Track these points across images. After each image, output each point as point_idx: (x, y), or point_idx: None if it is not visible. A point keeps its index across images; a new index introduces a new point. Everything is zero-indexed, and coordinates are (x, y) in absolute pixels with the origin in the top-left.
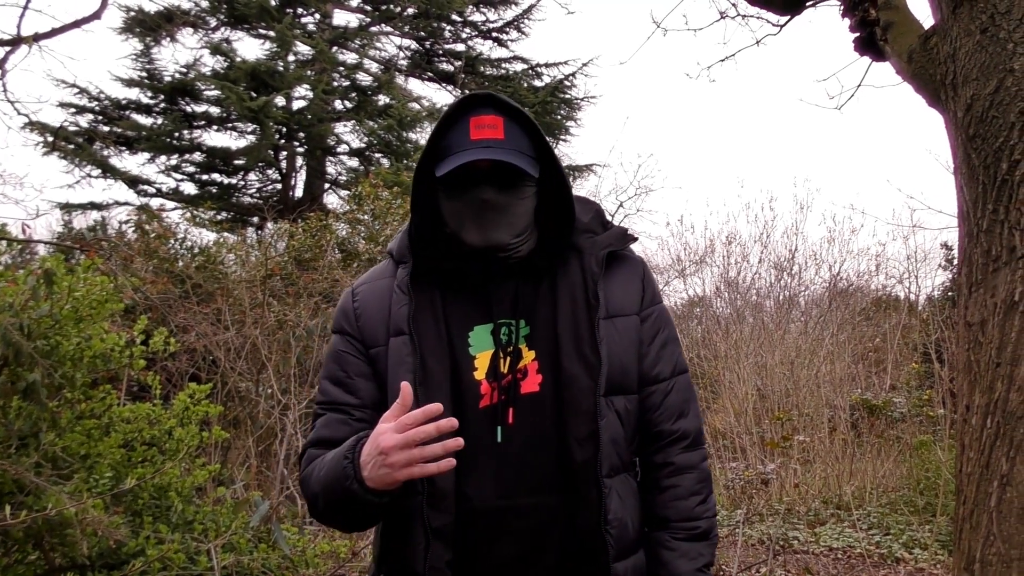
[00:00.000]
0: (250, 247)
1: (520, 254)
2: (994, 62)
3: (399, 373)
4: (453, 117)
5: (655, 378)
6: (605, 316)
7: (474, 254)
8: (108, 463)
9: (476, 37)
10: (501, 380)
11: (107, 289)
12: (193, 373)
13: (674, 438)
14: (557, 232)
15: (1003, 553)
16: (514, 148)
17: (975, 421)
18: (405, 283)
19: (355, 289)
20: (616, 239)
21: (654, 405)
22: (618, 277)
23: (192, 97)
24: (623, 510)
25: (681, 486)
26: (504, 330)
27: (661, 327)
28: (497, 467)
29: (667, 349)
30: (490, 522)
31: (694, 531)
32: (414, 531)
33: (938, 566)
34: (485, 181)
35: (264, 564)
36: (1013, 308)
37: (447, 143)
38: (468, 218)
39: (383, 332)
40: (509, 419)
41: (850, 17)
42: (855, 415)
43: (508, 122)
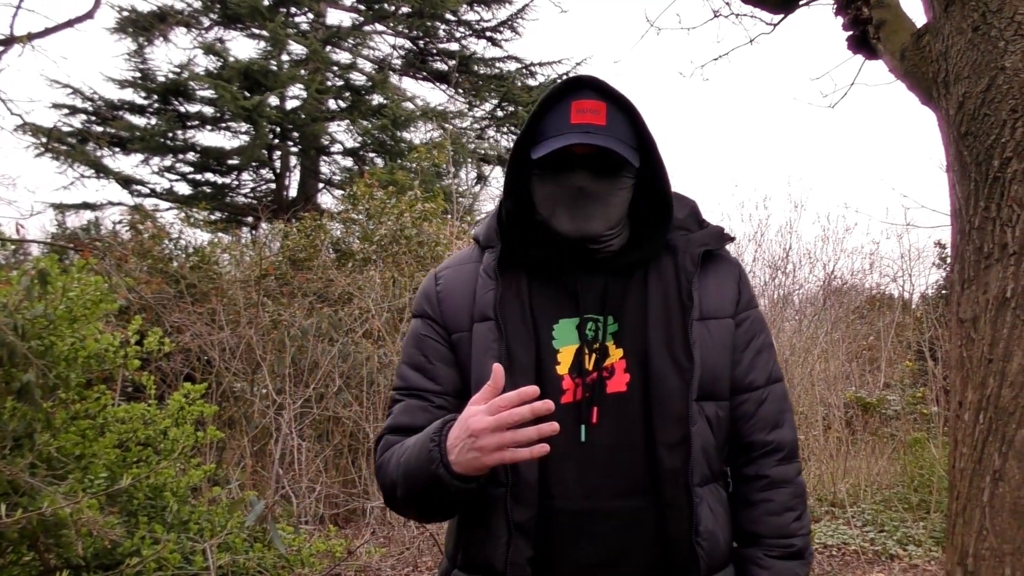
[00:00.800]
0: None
1: (612, 248)
2: (986, 60)
3: (484, 359)
4: (554, 99)
5: (749, 386)
6: (699, 318)
7: (565, 243)
8: (103, 463)
9: (470, 36)
10: (586, 377)
11: (101, 289)
12: (188, 373)
13: (768, 450)
14: (652, 228)
15: (996, 548)
16: (615, 136)
17: (968, 417)
18: (492, 268)
19: (438, 273)
20: (713, 238)
21: (747, 414)
22: (713, 278)
23: (185, 97)
24: (714, 522)
25: (775, 501)
26: (591, 325)
27: (756, 333)
28: (580, 467)
29: (762, 356)
30: (572, 523)
31: (789, 549)
32: (496, 524)
33: (932, 562)
34: (582, 167)
35: (260, 563)
36: (1005, 304)
37: (546, 125)
38: (561, 205)
39: (467, 317)
40: (593, 418)
41: (843, 15)
42: (849, 413)
43: (611, 108)
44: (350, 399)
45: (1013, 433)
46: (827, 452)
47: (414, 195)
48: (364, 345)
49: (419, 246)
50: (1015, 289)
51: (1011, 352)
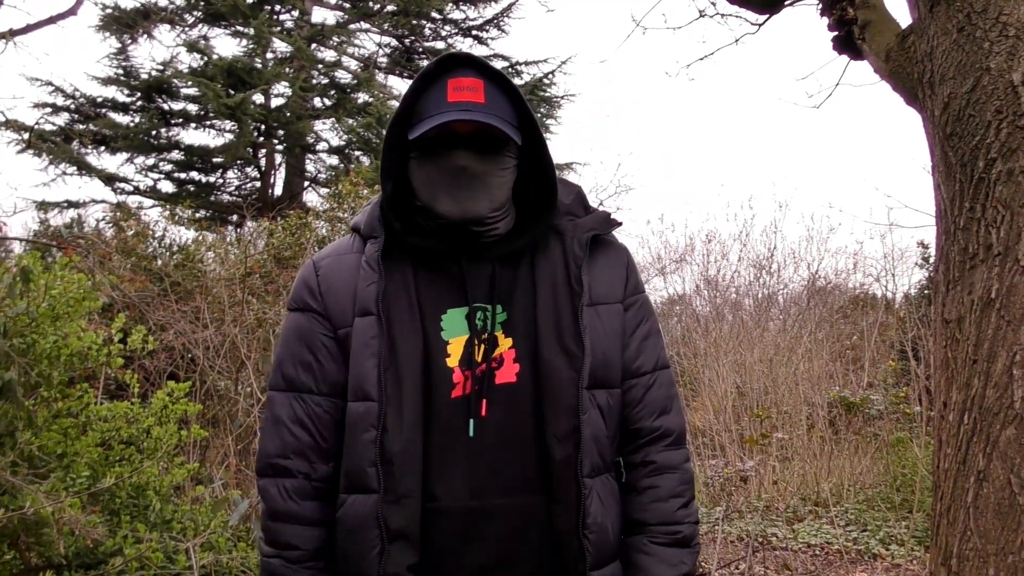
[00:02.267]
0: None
1: (497, 231)
2: (971, 61)
3: (363, 357)
4: (430, 78)
5: (636, 371)
6: (588, 303)
7: (448, 227)
8: (85, 462)
9: (456, 35)
10: (475, 369)
11: (84, 287)
12: (171, 371)
13: (655, 436)
14: (537, 211)
15: (980, 548)
16: (496, 113)
17: (952, 418)
18: (375, 259)
19: (317, 262)
20: (600, 223)
21: (634, 400)
22: (601, 263)
23: (169, 95)
24: (603, 514)
25: (661, 487)
26: (479, 315)
27: (644, 317)
28: (469, 464)
29: (650, 341)
30: (460, 525)
31: (675, 536)
32: (367, 533)
33: (914, 562)
34: (463, 146)
35: (243, 563)
36: (990, 305)
37: (423, 106)
38: (443, 187)
39: (350, 311)
40: (483, 411)
41: (828, 16)
42: (833, 412)
43: (489, 85)
44: None
45: (998, 434)
46: (810, 451)
47: None
48: None
49: None
50: (1000, 290)
51: (996, 353)
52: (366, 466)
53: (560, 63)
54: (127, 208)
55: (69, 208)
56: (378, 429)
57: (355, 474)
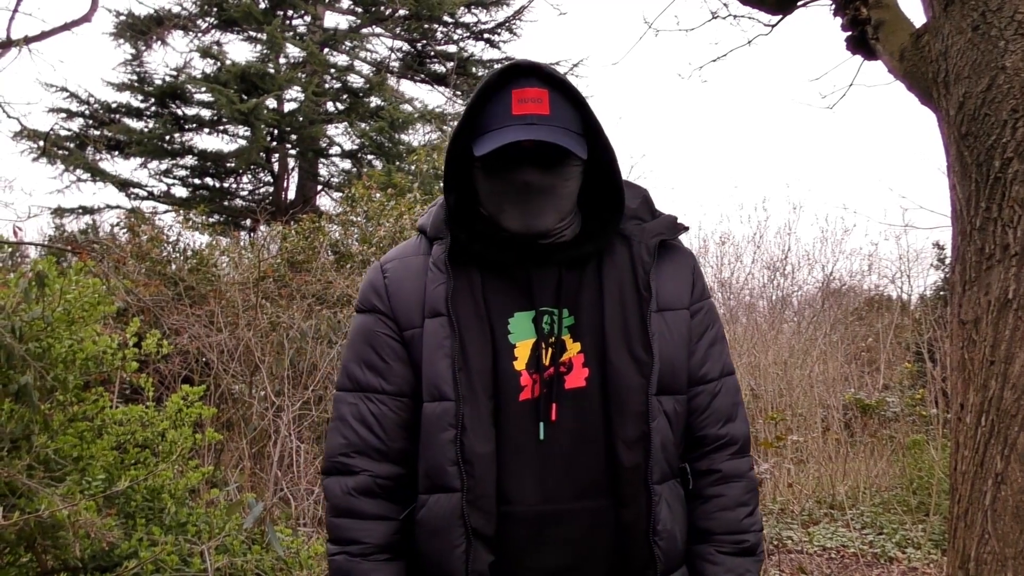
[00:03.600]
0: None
1: (564, 239)
2: (986, 60)
3: (437, 358)
4: (494, 87)
5: (703, 378)
6: (656, 309)
7: (513, 239)
8: (101, 465)
9: (468, 38)
10: (543, 372)
11: (99, 291)
12: (186, 375)
13: (721, 443)
14: (604, 216)
15: (998, 552)
16: (560, 125)
17: (969, 419)
18: (443, 261)
19: (384, 264)
20: (667, 227)
21: (701, 407)
22: (668, 268)
23: (182, 100)
24: (672, 520)
25: (727, 496)
26: (546, 319)
27: (710, 324)
28: (539, 468)
29: (716, 347)
30: (531, 528)
31: (741, 545)
32: (453, 532)
33: (931, 565)
34: (528, 162)
35: (258, 566)
36: (1007, 306)
37: (486, 118)
38: (508, 202)
39: (418, 313)
40: (552, 415)
41: (841, 16)
42: (848, 415)
43: (554, 95)
44: None
45: (1015, 436)
46: (826, 454)
47: (413, 197)
48: None
49: None
50: (1017, 290)
51: (1013, 354)
52: (447, 465)
53: (572, 66)
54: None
55: (84, 214)
56: (457, 428)
57: (436, 474)
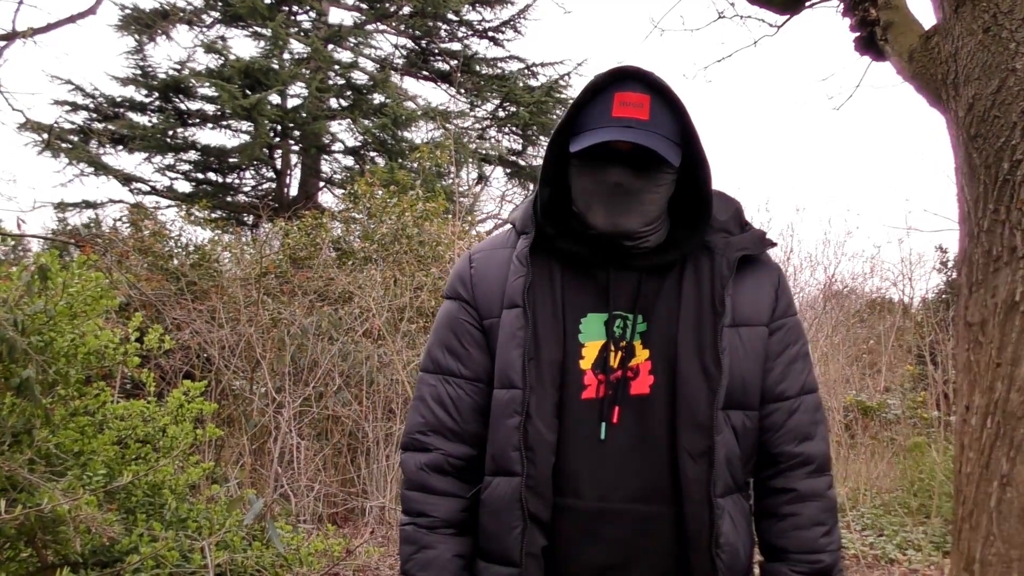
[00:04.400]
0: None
1: (648, 244)
2: (996, 62)
3: (510, 347)
4: (597, 89)
5: (780, 396)
6: (730, 324)
7: (599, 238)
8: (102, 460)
9: (472, 36)
10: (610, 375)
11: (102, 285)
12: (187, 371)
13: (797, 462)
14: (691, 226)
15: (1003, 554)
16: (658, 132)
17: (975, 421)
18: (524, 255)
19: (472, 255)
20: (753, 242)
21: (776, 425)
22: (750, 283)
23: (186, 95)
24: (734, 534)
25: (803, 515)
26: (619, 323)
27: (792, 342)
28: (596, 466)
29: (796, 365)
30: (584, 522)
31: (815, 565)
32: (511, 514)
33: (932, 567)
34: (621, 162)
35: (258, 562)
36: (1014, 308)
37: (587, 116)
38: (598, 199)
39: (498, 303)
40: (615, 418)
41: (850, 17)
42: (849, 416)
43: (655, 101)
44: (349, 398)
45: (1021, 438)
46: None
47: (416, 194)
48: (364, 344)
49: (420, 245)
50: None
51: (1020, 356)
52: (510, 450)
53: (576, 65)
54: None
55: (87, 208)
56: (522, 415)
57: (500, 457)
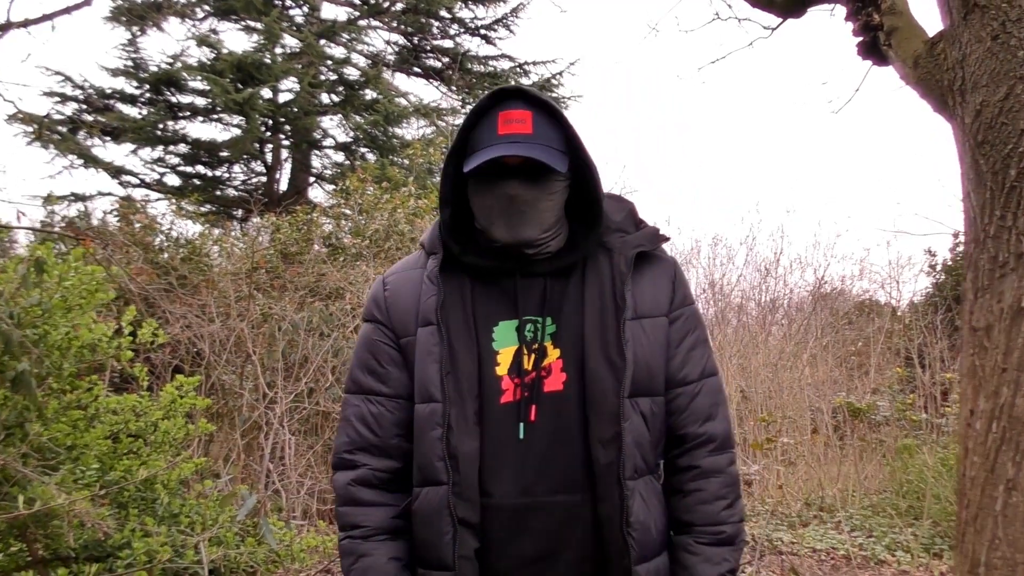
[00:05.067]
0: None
1: (549, 250)
2: (1004, 69)
3: (427, 363)
4: (482, 111)
5: (682, 380)
6: (632, 317)
7: (503, 249)
8: (94, 455)
9: (464, 34)
10: (524, 377)
11: (97, 279)
12: (176, 365)
13: (700, 441)
14: (587, 229)
15: (1008, 557)
16: (542, 143)
17: (979, 426)
18: (434, 274)
19: (386, 279)
20: (647, 239)
21: (680, 408)
22: (648, 277)
23: (177, 88)
24: (646, 513)
25: (706, 490)
26: (529, 327)
27: (691, 329)
28: (519, 464)
29: (696, 351)
30: (511, 519)
31: (719, 535)
32: (441, 521)
33: (921, 569)
34: (513, 176)
35: (251, 558)
36: (1020, 314)
37: (476, 138)
38: (496, 213)
39: (412, 322)
40: (532, 416)
41: (853, 21)
42: (837, 418)
43: (537, 115)
44: (341, 394)
45: None
46: (815, 456)
47: (408, 191)
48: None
49: (412, 242)
50: None
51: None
52: (435, 461)
53: (569, 64)
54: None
55: (76, 201)
56: (444, 427)
57: (426, 468)
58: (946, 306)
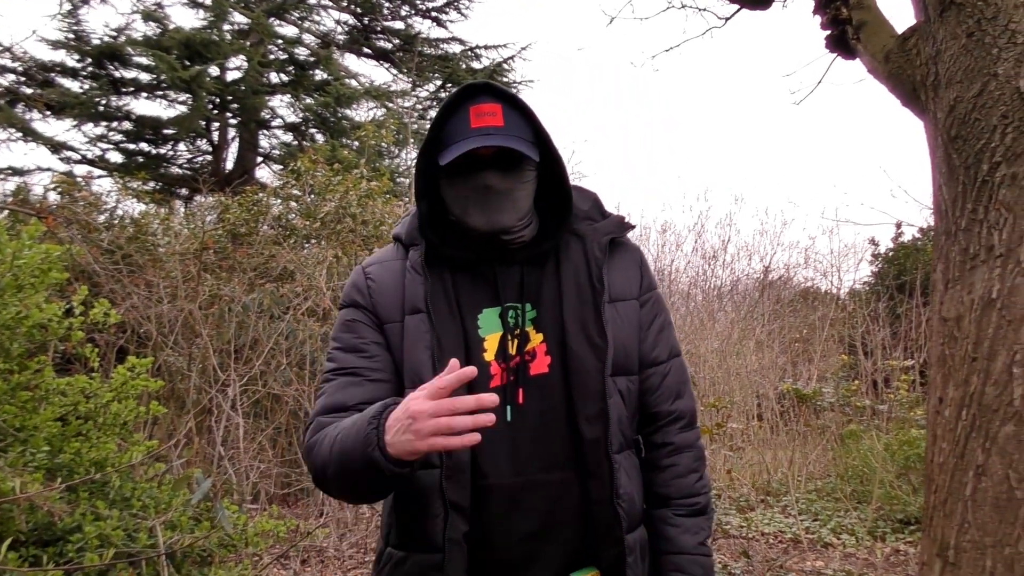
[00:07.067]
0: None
1: (523, 238)
2: (979, 66)
3: (417, 349)
4: (453, 106)
5: (653, 361)
6: (609, 300)
7: (479, 238)
8: (44, 437)
9: (415, 16)
10: (510, 361)
11: (52, 258)
12: (121, 347)
13: (672, 418)
14: (556, 217)
15: (978, 540)
16: (514, 134)
17: (948, 413)
18: (420, 264)
19: (366, 267)
20: (616, 227)
21: (652, 387)
22: (618, 263)
23: (121, 63)
24: (631, 485)
25: (680, 464)
26: (511, 313)
27: (658, 312)
28: (510, 445)
29: (664, 333)
30: (506, 498)
31: (694, 507)
32: (433, 503)
33: (865, 550)
34: (488, 167)
35: (205, 542)
36: (991, 305)
37: (448, 132)
38: (472, 203)
39: (397, 310)
40: (519, 399)
41: (821, 15)
42: (783, 403)
43: (507, 109)
44: (292, 377)
45: (997, 430)
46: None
47: (359, 173)
48: (306, 323)
49: (364, 224)
50: (1001, 290)
51: (996, 351)
52: None
53: (520, 49)
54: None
55: (13, 175)
56: None
57: None
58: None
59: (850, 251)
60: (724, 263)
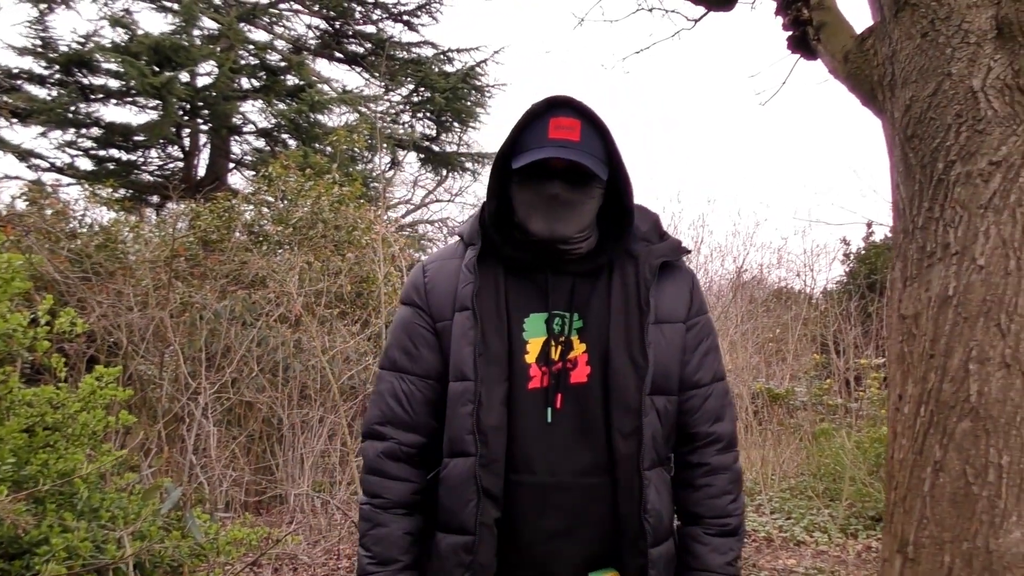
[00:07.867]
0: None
1: (580, 250)
2: (933, 66)
3: (462, 345)
4: (536, 115)
5: (696, 383)
6: (654, 321)
7: (538, 244)
8: (9, 448)
9: (387, 19)
10: (552, 366)
11: (14, 267)
12: (92, 356)
13: (710, 440)
14: (616, 236)
15: (936, 536)
16: (588, 151)
17: (907, 410)
18: (472, 263)
19: (425, 266)
20: (671, 251)
21: (693, 408)
22: (669, 286)
23: (89, 69)
24: (659, 501)
25: (715, 485)
26: (558, 321)
27: (704, 336)
28: (546, 445)
29: (709, 357)
30: (537, 495)
31: (725, 527)
32: (466, 489)
33: (837, 548)
34: (557, 177)
35: (175, 551)
36: (947, 302)
37: (527, 139)
38: (537, 209)
39: (449, 307)
40: (558, 404)
41: (783, 16)
42: (757, 403)
43: (585, 125)
44: (264, 384)
45: (954, 426)
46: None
47: (332, 178)
48: (279, 330)
49: (336, 230)
50: (957, 288)
51: (952, 348)
52: (465, 434)
53: (493, 52)
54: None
55: None
56: (474, 403)
57: (456, 441)
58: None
59: (822, 251)
60: (697, 264)
